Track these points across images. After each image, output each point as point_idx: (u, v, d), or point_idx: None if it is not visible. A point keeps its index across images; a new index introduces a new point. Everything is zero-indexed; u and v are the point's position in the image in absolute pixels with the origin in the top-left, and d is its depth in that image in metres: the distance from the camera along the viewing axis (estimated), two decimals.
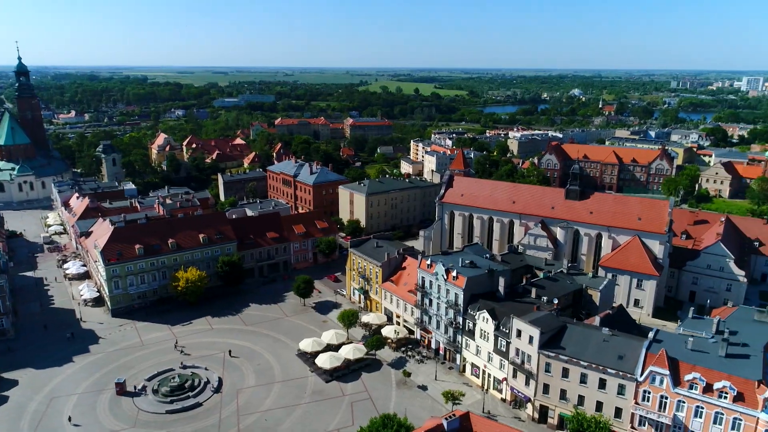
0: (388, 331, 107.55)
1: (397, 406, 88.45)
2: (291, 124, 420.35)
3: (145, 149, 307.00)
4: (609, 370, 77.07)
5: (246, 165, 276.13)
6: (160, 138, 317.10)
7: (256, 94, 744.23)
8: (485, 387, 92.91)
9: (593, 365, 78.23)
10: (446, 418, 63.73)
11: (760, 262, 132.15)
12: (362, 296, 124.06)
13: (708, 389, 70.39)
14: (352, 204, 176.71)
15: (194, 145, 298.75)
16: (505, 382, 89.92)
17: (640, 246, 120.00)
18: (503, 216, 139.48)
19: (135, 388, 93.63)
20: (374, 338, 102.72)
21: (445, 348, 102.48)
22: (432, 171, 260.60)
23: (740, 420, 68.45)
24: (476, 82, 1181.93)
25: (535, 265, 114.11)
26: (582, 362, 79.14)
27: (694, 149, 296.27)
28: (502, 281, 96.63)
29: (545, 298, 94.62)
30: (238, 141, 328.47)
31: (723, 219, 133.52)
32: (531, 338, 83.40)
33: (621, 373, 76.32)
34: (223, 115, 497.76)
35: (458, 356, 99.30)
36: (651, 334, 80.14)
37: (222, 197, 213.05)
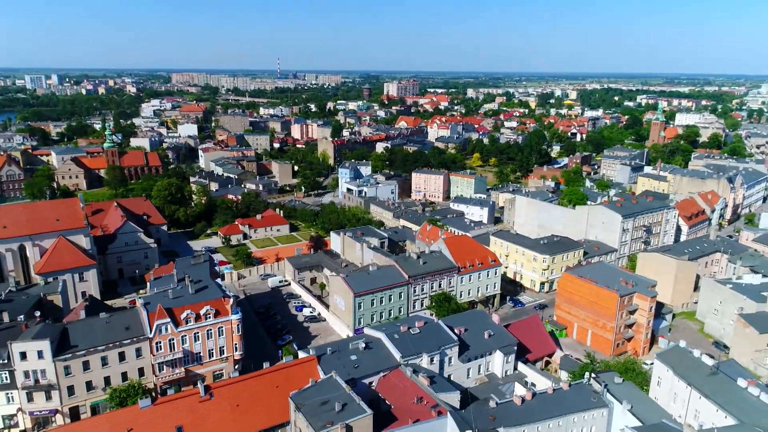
0: None
1: None
2: None
3: None
4: (124, 342, 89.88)
5: None
6: None
7: None
8: None
9: (109, 345, 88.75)
10: None
11: (153, 230, 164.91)
12: None
13: (197, 318, 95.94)
14: None
15: None
16: (19, 412, 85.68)
17: (68, 244, 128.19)
18: None
19: None
20: None
21: None
22: None
23: (222, 327, 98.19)
24: None
25: None
26: (99, 348, 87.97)
27: (30, 151, 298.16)
28: None
29: (21, 317, 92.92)
30: None
31: (115, 204, 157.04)
32: (40, 353, 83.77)
33: (134, 339, 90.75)
34: None
35: None
36: (140, 301, 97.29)
37: None
